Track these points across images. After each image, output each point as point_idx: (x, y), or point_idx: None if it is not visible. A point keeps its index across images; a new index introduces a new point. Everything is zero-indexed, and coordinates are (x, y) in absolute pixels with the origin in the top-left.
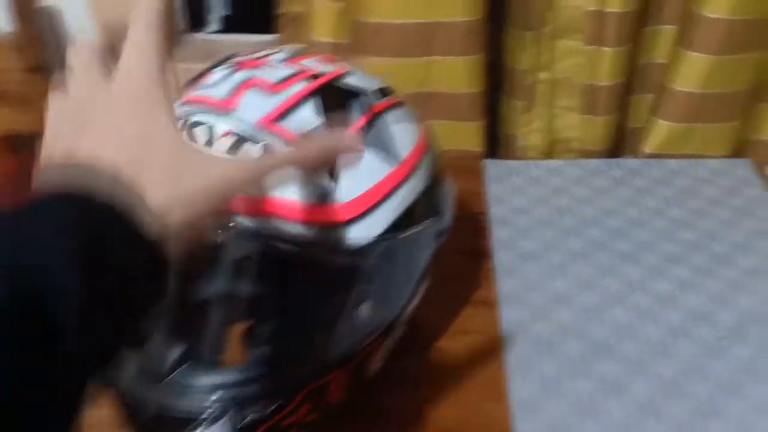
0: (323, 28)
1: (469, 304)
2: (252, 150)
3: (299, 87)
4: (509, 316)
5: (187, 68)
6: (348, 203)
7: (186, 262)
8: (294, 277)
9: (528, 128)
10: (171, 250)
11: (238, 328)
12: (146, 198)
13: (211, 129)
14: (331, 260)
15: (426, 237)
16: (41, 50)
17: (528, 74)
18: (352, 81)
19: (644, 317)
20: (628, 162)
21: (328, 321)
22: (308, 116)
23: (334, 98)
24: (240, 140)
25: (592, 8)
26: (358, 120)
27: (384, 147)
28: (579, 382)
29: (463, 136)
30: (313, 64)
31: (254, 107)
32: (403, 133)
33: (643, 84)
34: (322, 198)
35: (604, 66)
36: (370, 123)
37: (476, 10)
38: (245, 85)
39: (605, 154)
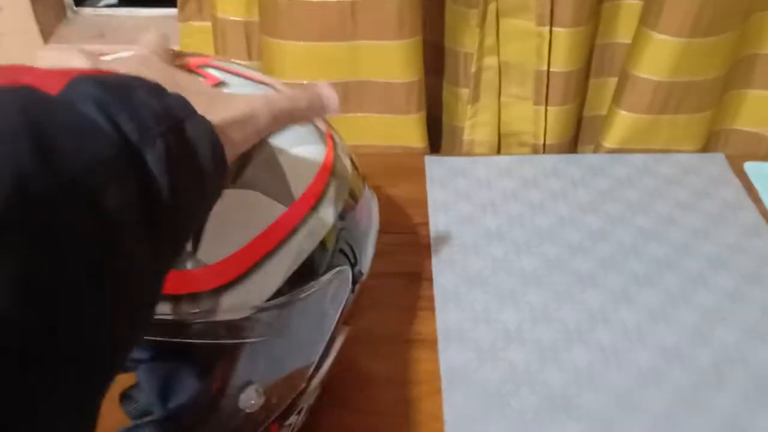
0: (229, 4)
1: (406, 344)
2: None
3: None
4: (451, 360)
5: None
6: (216, 265)
7: None
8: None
9: (474, 121)
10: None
11: None
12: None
13: None
14: (195, 341)
15: (337, 287)
16: None
17: (472, 60)
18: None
19: (610, 350)
20: (588, 158)
21: (198, 414)
22: None
23: None
24: None
25: None
26: None
27: (272, 182)
28: None
29: (402, 130)
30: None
31: None
32: (298, 159)
33: (602, 66)
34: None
35: (559, 50)
36: (250, 151)
37: None
38: None
39: (561, 148)
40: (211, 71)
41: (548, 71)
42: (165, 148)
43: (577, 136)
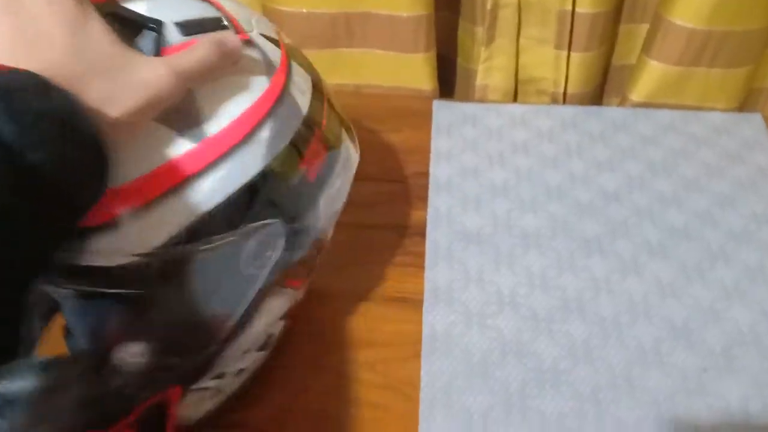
0: None
1: (390, 301)
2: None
3: None
4: (435, 322)
5: None
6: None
7: None
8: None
9: (488, 64)
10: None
11: None
12: (82, 94)
13: None
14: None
15: (261, 243)
16: None
17: None
18: (144, 7)
19: (610, 323)
20: (610, 112)
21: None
22: None
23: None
24: None
25: None
26: None
27: (181, 116)
28: None
29: (409, 70)
30: None
31: None
32: (225, 93)
33: (634, 12)
34: None
35: None
36: None
37: None
38: None
39: (584, 99)
40: None
41: (573, 12)
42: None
43: (603, 87)
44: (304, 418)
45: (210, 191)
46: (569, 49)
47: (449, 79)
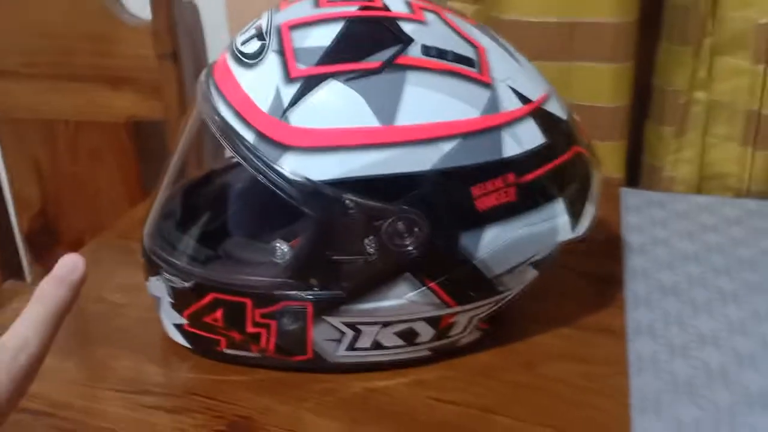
0: None
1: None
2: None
3: (342, 9)
4: (640, 349)
5: None
6: (303, 129)
7: None
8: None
9: (677, 156)
10: None
11: None
12: None
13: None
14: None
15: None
16: (175, 39)
17: (681, 94)
18: (408, 28)
19: None
20: None
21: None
22: (321, 35)
23: (364, 30)
24: (259, 35)
25: (764, 21)
26: (370, 62)
27: (378, 100)
28: None
29: (602, 157)
30: (400, 6)
31: (292, 12)
32: (422, 100)
33: None
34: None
35: None
36: (381, 71)
37: (628, 10)
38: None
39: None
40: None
41: (759, 112)
42: None
43: None
44: (529, 397)
45: (376, 162)
46: (754, 147)
47: (630, 176)
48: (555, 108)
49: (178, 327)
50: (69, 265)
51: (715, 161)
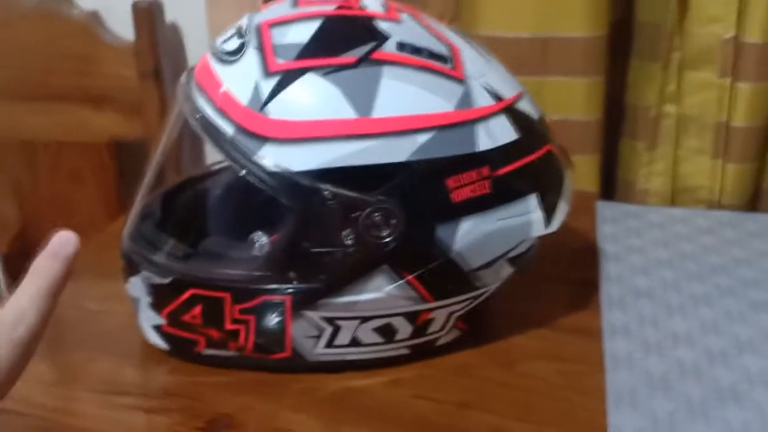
0: None
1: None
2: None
3: (320, 8)
4: (615, 348)
5: None
6: (281, 121)
7: None
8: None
9: (649, 169)
10: None
11: None
12: None
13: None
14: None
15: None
16: (158, 58)
17: (652, 108)
18: (384, 26)
19: None
20: (766, 217)
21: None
22: (300, 32)
23: (341, 27)
24: (239, 34)
25: (729, 36)
26: (347, 57)
27: (355, 93)
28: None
29: (575, 171)
30: (376, 6)
31: (271, 12)
32: (397, 93)
33: None
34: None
35: (741, 104)
36: (358, 65)
37: (598, 25)
38: None
39: (739, 209)
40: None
41: (728, 124)
42: None
43: (756, 205)
44: (507, 394)
45: (351, 153)
46: (724, 159)
47: (606, 191)
48: (527, 107)
49: (157, 329)
50: (62, 239)
51: (688, 174)
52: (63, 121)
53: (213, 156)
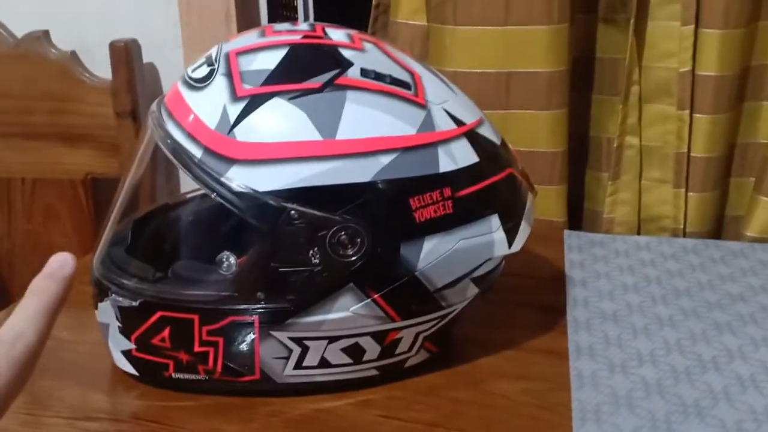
0: None
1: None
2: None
3: (286, 38)
4: (582, 368)
5: None
6: (248, 144)
7: None
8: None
9: (614, 199)
10: None
11: None
12: None
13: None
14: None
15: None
16: (135, 97)
17: (614, 139)
18: (348, 54)
19: (745, 385)
20: (730, 244)
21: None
22: (267, 59)
23: (306, 55)
24: (208, 62)
25: (685, 69)
26: (312, 82)
27: (320, 116)
28: None
29: (542, 202)
30: (341, 36)
31: (240, 41)
32: (361, 116)
33: (743, 165)
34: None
35: (700, 134)
36: (323, 90)
37: (559, 61)
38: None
39: (703, 236)
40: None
41: (688, 154)
42: None
43: (720, 233)
44: (475, 413)
45: (318, 173)
46: (687, 189)
47: (573, 222)
48: (488, 132)
49: (126, 354)
50: (59, 261)
51: (652, 203)
52: (39, 158)
53: (186, 184)
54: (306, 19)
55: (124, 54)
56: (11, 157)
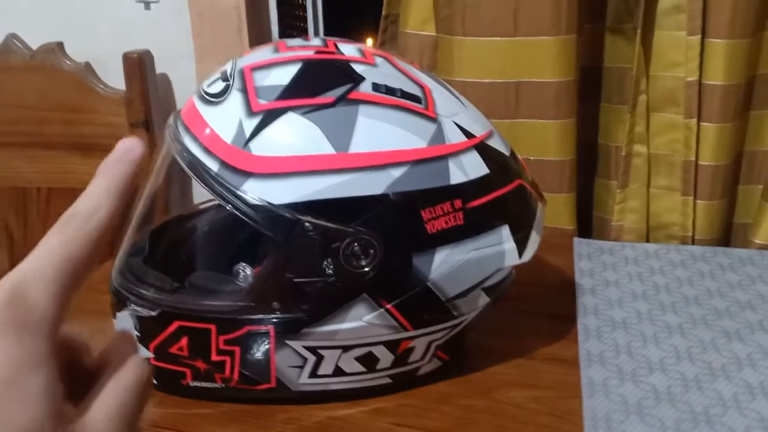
0: None
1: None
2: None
3: (299, 53)
4: (593, 376)
5: None
6: (263, 157)
7: None
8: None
9: (622, 206)
10: None
11: None
12: None
13: (228, 66)
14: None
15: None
16: (148, 108)
17: (622, 147)
18: (360, 69)
19: (754, 393)
20: (738, 251)
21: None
22: (281, 75)
23: (319, 70)
24: (223, 77)
25: (692, 79)
26: (325, 97)
27: (333, 130)
28: None
29: (552, 210)
30: (352, 51)
31: (254, 57)
32: (373, 130)
33: (751, 173)
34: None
35: (708, 143)
36: (335, 104)
37: (567, 71)
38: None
39: (712, 244)
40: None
41: (696, 163)
42: None
43: (728, 239)
44: (487, 421)
45: (332, 187)
46: (695, 197)
47: (583, 231)
48: (497, 144)
49: None
50: (127, 145)
51: (660, 211)
52: (54, 168)
53: (200, 195)
54: (316, 29)
55: (138, 65)
56: (27, 167)
